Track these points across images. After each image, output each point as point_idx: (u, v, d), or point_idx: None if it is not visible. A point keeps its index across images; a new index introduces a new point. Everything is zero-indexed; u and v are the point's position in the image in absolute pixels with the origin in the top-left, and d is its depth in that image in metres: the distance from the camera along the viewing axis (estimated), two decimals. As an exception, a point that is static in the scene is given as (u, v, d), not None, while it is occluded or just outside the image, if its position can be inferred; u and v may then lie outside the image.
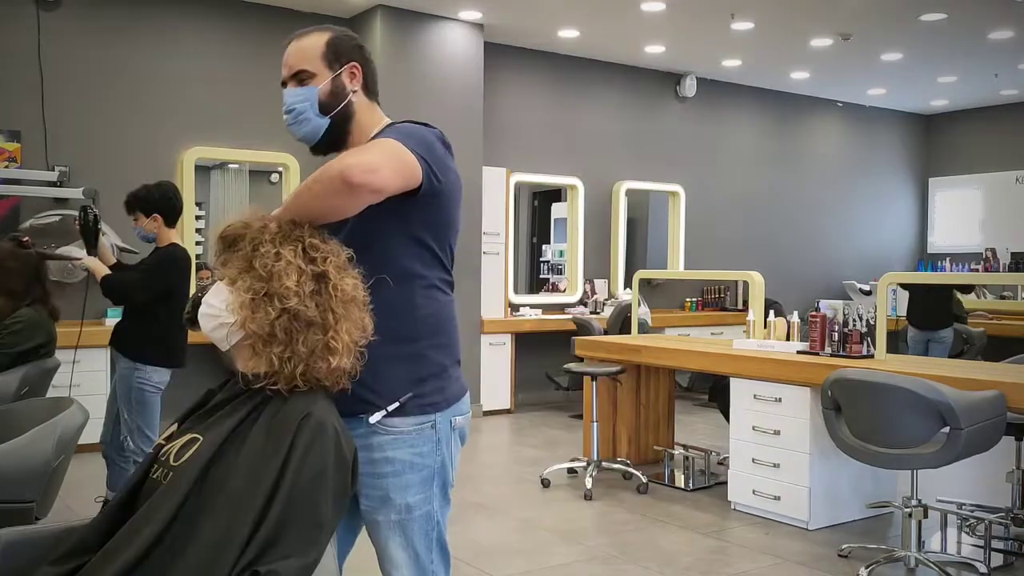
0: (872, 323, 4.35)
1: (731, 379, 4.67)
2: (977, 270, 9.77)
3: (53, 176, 5.98)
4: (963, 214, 10.83)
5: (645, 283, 8.48)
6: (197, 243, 6.48)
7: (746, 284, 6.78)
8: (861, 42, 7.77)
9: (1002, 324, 8.50)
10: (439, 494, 1.84)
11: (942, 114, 11.07)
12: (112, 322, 4.08)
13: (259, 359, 1.65)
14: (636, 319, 5.88)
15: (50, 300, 3.94)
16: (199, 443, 1.61)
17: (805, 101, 10.15)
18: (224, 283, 1.71)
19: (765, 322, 4.94)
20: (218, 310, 1.69)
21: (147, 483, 1.64)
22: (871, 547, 3.98)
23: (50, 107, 6.06)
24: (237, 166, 6.91)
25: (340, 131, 1.86)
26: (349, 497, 1.67)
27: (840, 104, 10.44)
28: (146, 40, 6.42)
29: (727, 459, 4.86)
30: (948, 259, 10.17)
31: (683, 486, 5.18)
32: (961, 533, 4.26)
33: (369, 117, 1.89)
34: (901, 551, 3.75)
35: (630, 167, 8.75)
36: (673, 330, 8.04)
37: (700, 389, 7.13)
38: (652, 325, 7.61)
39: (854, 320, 4.40)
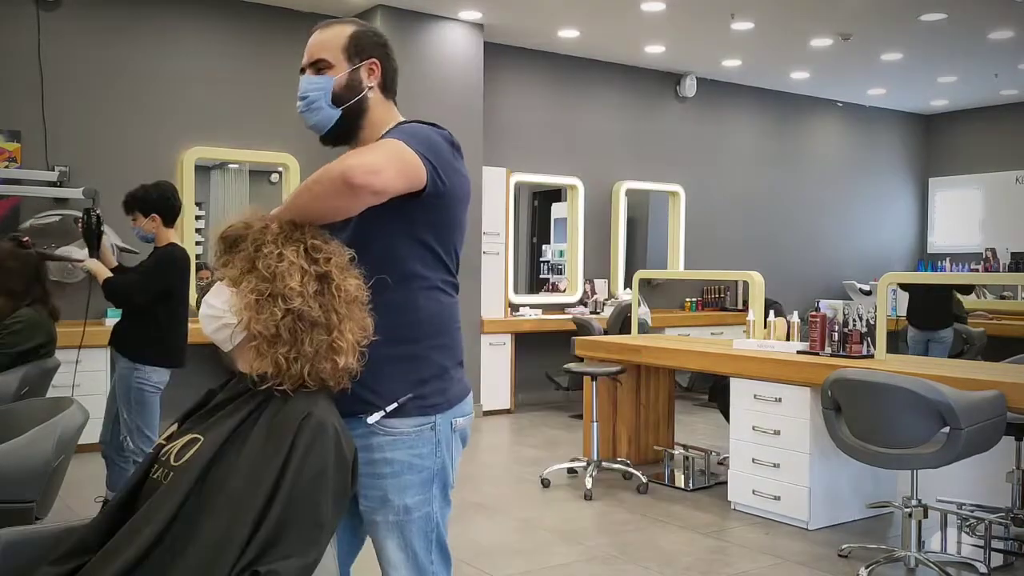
0: (872, 323, 4.35)
1: (731, 379, 4.67)
2: (977, 270, 9.77)
3: (53, 176, 5.98)
4: (963, 214, 10.83)
5: (645, 283, 8.48)
6: (197, 243, 6.49)
7: (746, 284, 6.78)
8: (861, 42, 7.77)
9: (1002, 324, 8.50)
10: (439, 496, 1.83)
11: (942, 114, 11.07)
12: (112, 322, 4.08)
13: (264, 360, 1.65)
14: (636, 319, 5.88)
15: (50, 300, 3.94)
16: (200, 443, 1.61)
17: (805, 101, 10.15)
18: (225, 284, 1.70)
19: (765, 322, 4.94)
20: (220, 311, 1.69)
21: (147, 483, 1.64)
22: (871, 547, 3.98)
23: (50, 107, 6.06)
24: (237, 166, 6.91)
25: (351, 125, 1.85)
26: (349, 497, 1.67)
27: (840, 104, 10.44)
28: (146, 40, 6.42)
29: (727, 459, 4.86)
30: (948, 259, 10.17)
31: (683, 486, 5.18)
32: (961, 533, 4.25)
33: (383, 115, 1.88)
34: (901, 551, 3.75)
35: (630, 167, 8.75)
36: (673, 330, 8.04)
37: (700, 389, 7.13)
38: (652, 325, 7.61)
39: (854, 320, 4.40)
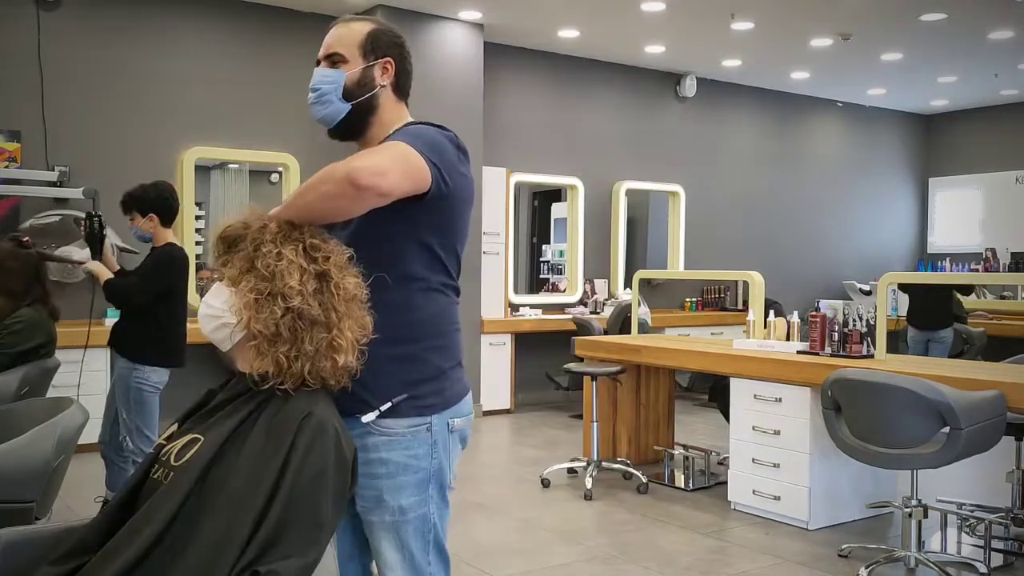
0: (872, 323, 4.35)
1: (731, 379, 4.67)
2: (977, 270, 9.77)
3: (53, 176, 5.98)
4: (963, 214, 10.83)
5: (645, 283, 8.48)
6: (197, 243, 6.48)
7: (746, 284, 6.78)
8: (861, 42, 7.77)
9: (1002, 324, 8.50)
10: (436, 496, 1.82)
11: (942, 114, 11.07)
12: (112, 322, 4.08)
13: (264, 359, 1.65)
14: (636, 319, 5.88)
15: (50, 300, 3.95)
16: (200, 443, 1.61)
17: (805, 101, 10.15)
18: (224, 283, 1.70)
19: (765, 322, 4.94)
20: (219, 311, 1.69)
21: (147, 483, 1.64)
22: (871, 547, 3.98)
23: (50, 107, 6.06)
24: (237, 166, 6.91)
25: (360, 121, 1.86)
26: (349, 497, 1.67)
27: (840, 104, 10.44)
28: (146, 40, 6.42)
29: (727, 459, 4.85)
30: (948, 259, 10.17)
31: (683, 486, 5.18)
32: (961, 533, 4.25)
33: (393, 115, 1.89)
34: (901, 551, 3.75)
35: (630, 167, 8.75)
36: (673, 330, 8.04)
37: (700, 389, 7.13)
38: (652, 325, 7.61)
39: (854, 320, 4.40)
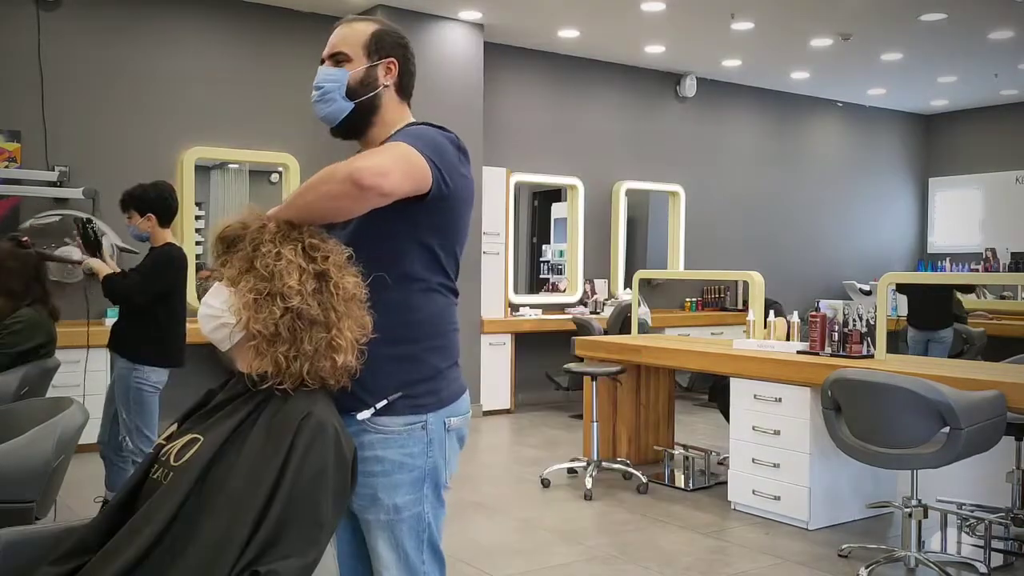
0: (872, 323, 4.35)
1: (731, 379, 4.67)
2: (977, 270, 9.77)
3: (53, 176, 5.98)
4: (963, 214, 10.83)
5: (645, 283, 8.47)
6: (197, 243, 6.48)
7: (746, 284, 6.78)
8: (861, 42, 7.77)
9: (1002, 324, 8.50)
10: (431, 496, 1.82)
11: (942, 114, 11.07)
12: (112, 322, 4.08)
13: (263, 359, 1.65)
14: (636, 319, 5.88)
15: (50, 300, 3.95)
16: (199, 443, 1.61)
17: (805, 101, 10.15)
18: (223, 283, 1.70)
19: (765, 322, 4.94)
20: (219, 311, 1.68)
21: (147, 483, 1.64)
22: (871, 547, 3.98)
23: (50, 107, 6.06)
24: (237, 166, 6.91)
25: (362, 120, 1.86)
26: (349, 497, 1.67)
27: (840, 104, 10.44)
28: (146, 40, 6.42)
29: (727, 459, 4.85)
30: (948, 259, 10.17)
31: (683, 486, 5.18)
32: (961, 533, 4.25)
33: (395, 115, 1.90)
34: (901, 551, 3.75)
35: (630, 167, 8.75)
36: (673, 330, 8.04)
37: (700, 389, 7.13)
38: (652, 325, 7.61)
39: (854, 320, 4.40)
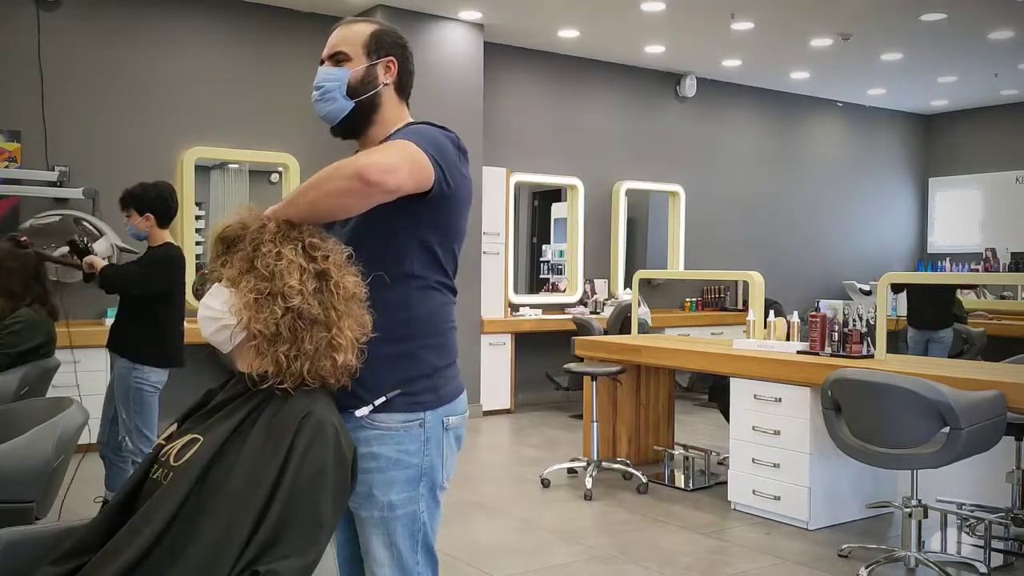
0: (872, 323, 4.35)
1: (731, 379, 4.67)
2: (977, 270, 9.77)
3: (53, 176, 5.98)
4: (963, 214, 10.83)
5: (645, 283, 8.47)
6: (197, 243, 6.47)
7: (746, 284, 6.77)
8: (861, 42, 7.77)
9: (1002, 324, 8.49)
10: (427, 495, 1.82)
11: (942, 114, 11.07)
12: (111, 322, 4.08)
13: (264, 359, 1.65)
14: (636, 319, 5.88)
15: (49, 300, 3.95)
16: (199, 443, 1.61)
17: (805, 101, 10.15)
18: (223, 284, 1.70)
19: (765, 322, 4.94)
20: (219, 312, 1.68)
21: (147, 483, 1.64)
22: (871, 547, 3.98)
23: (50, 107, 6.06)
24: (237, 166, 6.90)
25: (363, 119, 1.87)
26: (348, 496, 1.67)
27: (840, 104, 10.44)
28: (146, 40, 6.41)
29: (727, 459, 4.85)
30: (948, 259, 10.17)
31: (683, 486, 5.18)
32: (961, 533, 4.25)
33: (394, 114, 1.91)
34: (901, 551, 3.74)
35: (630, 167, 8.75)
36: (673, 330, 8.04)
37: (700, 389, 7.12)
38: (652, 325, 7.61)
39: (854, 320, 4.40)
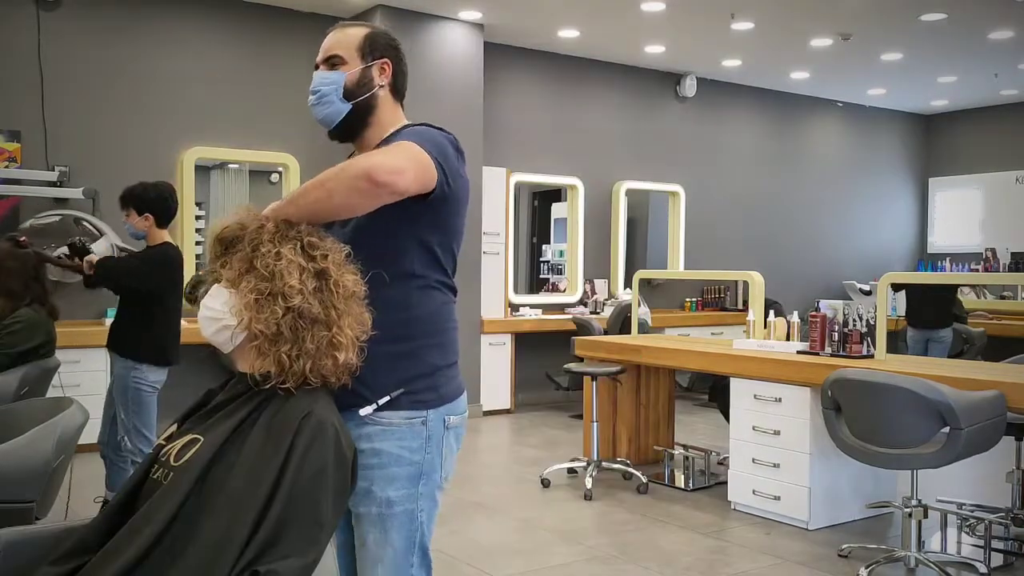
0: (872, 323, 4.35)
1: (731, 379, 4.67)
2: (977, 270, 9.77)
3: (53, 176, 5.98)
4: (963, 214, 10.83)
5: (645, 283, 8.47)
6: (197, 243, 6.47)
7: (746, 284, 6.78)
8: (861, 42, 7.77)
9: (1002, 324, 8.49)
10: (426, 495, 1.82)
11: (942, 114, 11.07)
12: (111, 322, 4.08)
13: (266, 359, 1.64)
14: (636, 319, 5.88)
15: (49, 300, 3.95)
16: (199, 444, 1.61)
17: (805, 101, 10.15)
18: (223, 285, 1.70)
19: (765, 322, 4.94)
20: (219, 312, 1.68)
21: (147, 483, 1.63)
22: (871, 547, 3.98)
23: (50, 107, 6.06)
24: (237, 166, 6.90)
25: (360, 121, 1.89)
26: (348, 496, 1.67)
27: (840, 104, 10.44)
28: (146, 40, 6.42)
29: (727, 459, 4.85)
30: (948, 259, 10.17)
31: (683, 486, 5.18)
32: (961, 533, 4.25)
33: (390, 116, 1.92)
34: (901, 551, 3.74)
35: (630, 167, 8.75)
36: (673, 330, 8.04)
37: (700, 389, 7.13)
38: (652, 325, 7.61)
39: (854, 320, 4.40)
